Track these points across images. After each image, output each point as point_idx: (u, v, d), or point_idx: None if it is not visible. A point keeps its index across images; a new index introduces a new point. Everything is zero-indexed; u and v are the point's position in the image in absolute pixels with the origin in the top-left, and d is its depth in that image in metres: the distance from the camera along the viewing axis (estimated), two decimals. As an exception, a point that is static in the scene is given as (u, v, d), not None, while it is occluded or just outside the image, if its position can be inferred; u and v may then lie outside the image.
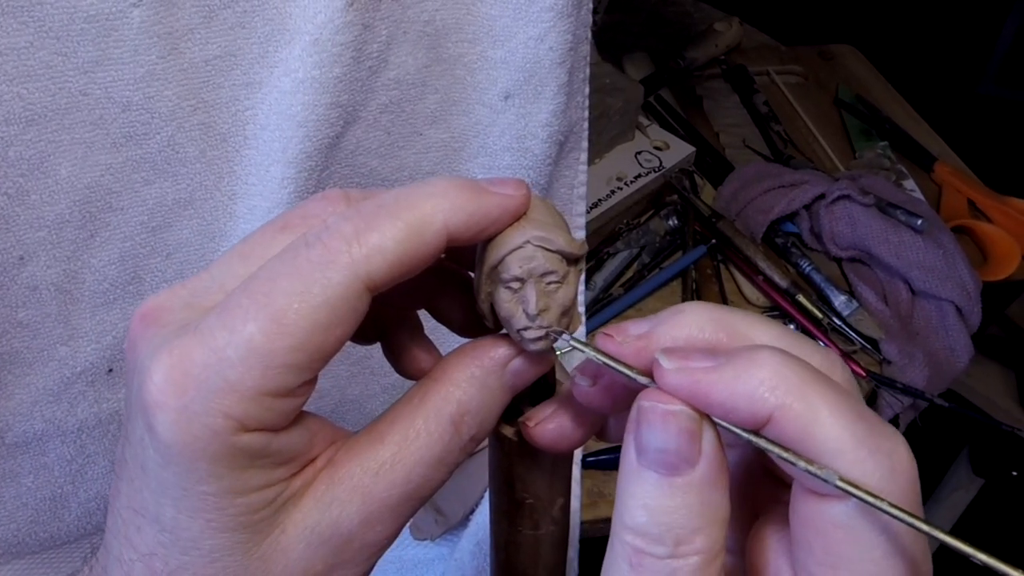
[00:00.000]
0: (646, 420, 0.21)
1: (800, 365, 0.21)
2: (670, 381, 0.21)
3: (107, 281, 0.39)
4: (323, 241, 0.21)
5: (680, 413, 0.21)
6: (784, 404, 0.20)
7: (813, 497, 0.21)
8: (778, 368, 0.20)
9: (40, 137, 0.35)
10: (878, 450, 0.20)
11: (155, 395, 0.20)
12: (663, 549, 0.21)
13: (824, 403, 0.20)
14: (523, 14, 0.41)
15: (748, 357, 0.21)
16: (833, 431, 0.20)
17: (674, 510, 0.21)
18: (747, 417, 0.21)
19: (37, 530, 0.44)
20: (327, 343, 0.21)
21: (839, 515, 0.20)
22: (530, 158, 0.46)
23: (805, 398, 0.20)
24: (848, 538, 0.20)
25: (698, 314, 0.23)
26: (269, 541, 0.22)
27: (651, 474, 0.21)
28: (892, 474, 0.20)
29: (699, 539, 0.21)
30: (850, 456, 0.20)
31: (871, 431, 0.20)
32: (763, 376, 0.20)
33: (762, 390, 0.20)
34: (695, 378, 0.21)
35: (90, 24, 0.33)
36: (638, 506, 0.21)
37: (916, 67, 1.57)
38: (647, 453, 0.21)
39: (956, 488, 1.14)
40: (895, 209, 0.88)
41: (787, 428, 0.20)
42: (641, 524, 0.21)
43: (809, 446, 0.20)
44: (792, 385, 0.20)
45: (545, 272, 0.24)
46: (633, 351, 0.23)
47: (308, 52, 0.37)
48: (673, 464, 0.21)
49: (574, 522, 0.54)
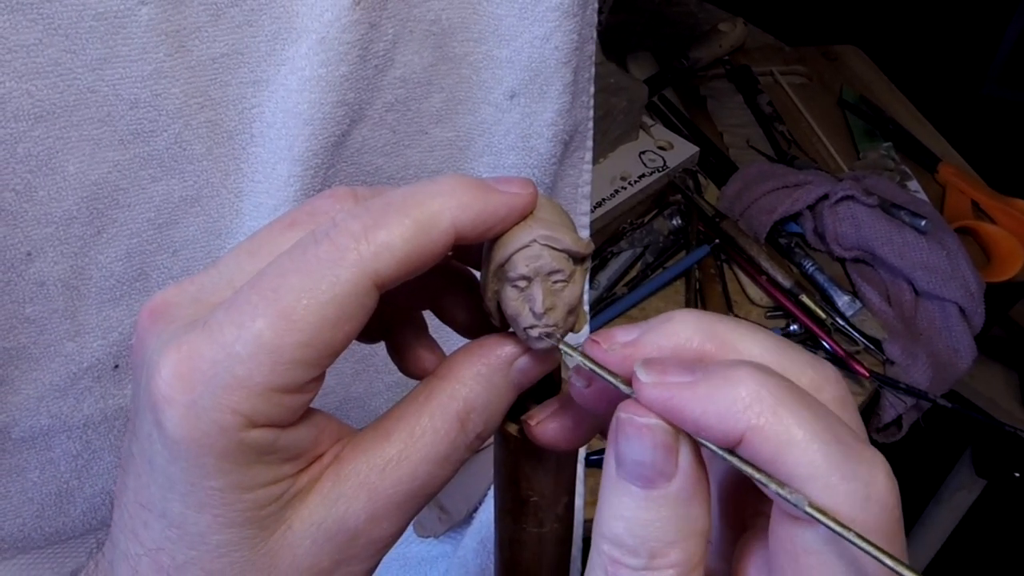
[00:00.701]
0: (623, 432, 0.21)
1: (778, 383, 0.20)
2: (647, 395, 0.21)
3: (114, 277, 0.40)
4: (331, 238, 0.21)
5: (656, 427, 0.21)
6: (756, 425, 0.20)
7: (788, 520, 0.20)
8: (753, 387, 0.20)
9: (48, 134, 0.35)
10: (853, 476, 0.19)
11: (163, 390, 0.21)
12: (638, 561, 0.21)
13: (799, 425, 0.20)
14: (529, 13, 0.41)
15: (724, 374, 0.21)
16: (806, 455, 0.19)
17: (649, 523, 0.21)
18: (719, 436, 0.20)
19: (43, 525, 0.44)
20: (335, 339, 0.21)
21: (811, 541, 0.20)
22: (535, 157, 0.46)
23: (779, 419, 0.20)
24: (818, 565, 0.20)
25: (687, 323, 0.23)
26: (276, 537, 0.22)
27: (628, 486, 0.21)
28: (865, 502, 0.19)
29: (674, 552, 0.21)
30: (822, 481, 0.19)
31: (848, 456, 0.19)
32: (737, 395, 0.20)
33: (735, 409, 0.20)
34: (670, 393, 0.21)
35: (98, 22, 0.34)
36: (615, 516, 0.21)
37: (920, 68, 1.57)
38: (624, 465, 0.21)
39: (959, 489, 1.14)
40: (899, 210, 0.88)
41: (760, 449, 0.20)
42: (617, 535, 0.21)
43: (781, 469, 0.20)
44: (766, 405, 0.20)
45: (552, 271, 0.24)
46: (618, 359, 0.23)
47: (315, 50, 0.37)
48: (649, 477, 0.21)
49: (578, 520, 0.54)
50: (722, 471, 0.26)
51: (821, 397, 0.21)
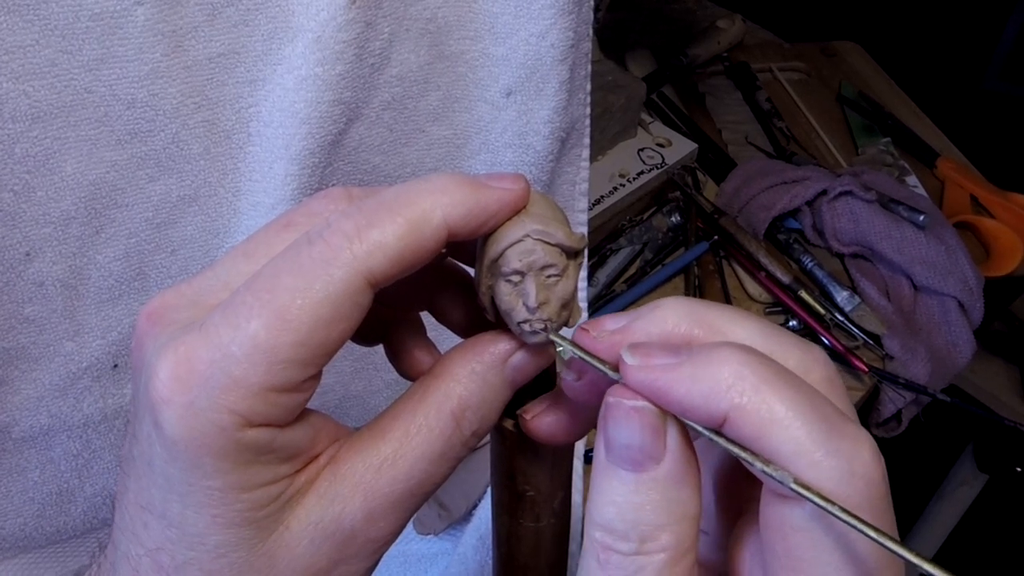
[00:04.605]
0: (612, 416, 0.21)
1: (761, 363, 0.20)
2: (632, 378, 0.21)
3: (112, 277, 0.40)
4: (324, 238, 0.21)
5: (643, 409, 0.21)
6: (739, 404, 0.20)
7: (776, 498, 0.20)
8: (736, 367, 0.20)
9: (45, 134, 0.35)
10: (837, 452, 0.19)
11: (161, 391, 0.21)
12: (629, 545, 0.21)
13: (782, 403, 0.20)
14: (524, 11, 0.41)
15: (708, 355, 0.21)
16: (789, 432, 0.19)
17: (639, 507, 0.21)
18: (704, 416, 0.20)
19: (43, 524, 0.44)
20: (330, 338, 0.21)
21: (798, 518, 0.20)
22: (532, 155, 0.46)
23: (762, 397, 0.20)
24: (806, 542, 0.20)
25: (675, 309, 0.23)
26: (274, 537, 0.22)
27: (618, 470, 0.21)
28: (850, 477, 0.19)
29: (665, 536, 0.21)
30: (806, 458, 0.19)
31: (831, 432, 0.20)
32: (720, 375, 0.20)
33: (718, 389, 0.20)
34: (655, 375, 0.21)
35: (94, 22, 0.34)
36: (606, 502, 0.21)
37: (919, 63, 1.57)
38: (614, 449, 0.21)
39: (961, 484, 1.14)
40: (897, 205, 0.88)
41: (744, 428, 0.20)
42: (608, 520, 0.21)
43: (765, 446, 0.20)
44: (748, 384, 0.20)
45: (545, 265, 0.24)
46: (607, 346, 0.23)
47: (311, 49, 0.37)
48: (638, 460, 0.21)
49: (576, 516, 0.54)
50: (716, 462, 0.26)
51: (809, 378, 0.21)
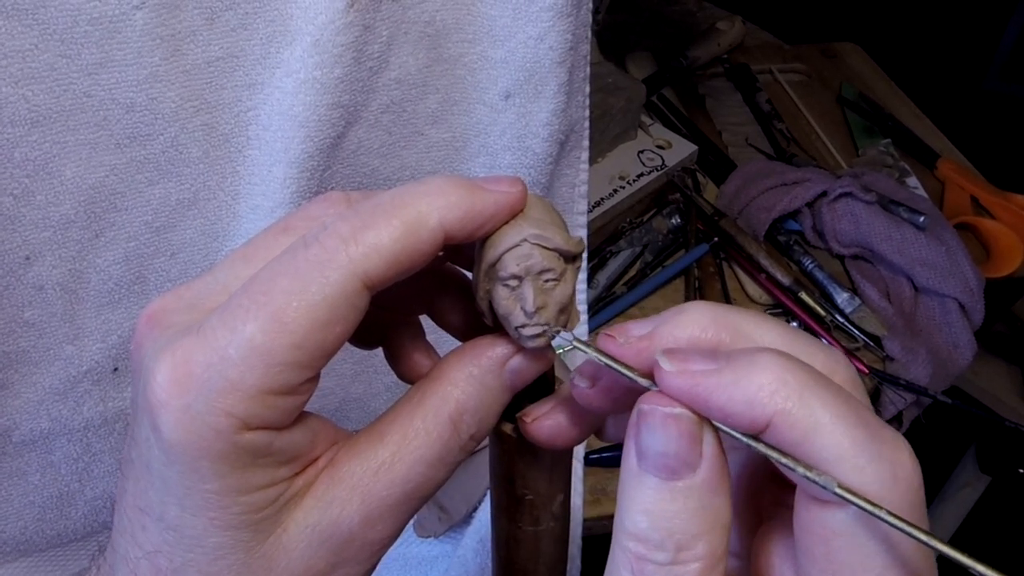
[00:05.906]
0: (646, 423, 0.21)
1: (801, 368, 0.20)
2: (670, 384, 0.21)
3: (112, 281, 0.40)
4: (320, 241, 0.21)
5: (681, 416, 0.21)
6: (783, 409, 0.20)
7: (815, 504, 0.20)
8: (778, 372, 0.20)
9: (45, 138, 0.35)
10: (879, 457, 0.19)
11: (158, 395, 0.21)
12: (664, 555, 0.21)
13: (824, 408, 0.20)
14: (523, 14, 0.41)
15: (748, 360, 0.21)
16: (833, 437, 0.20)
17: (675, 515, 0.21)
18: (746, 422, 0.20)
19: (44, 528, 0.44)
20: (327, 341, 0.21)
21: (840, 523, 0.20)
22: (531, 157, 0.46)
23: (805, 403, 0.20)
24: (849, 546, 0.20)
25: (701, 313, 0.23)
26: (271, 540, 0.22)
27: (652, 478, 0.21)
28: (893, 481, 0.19)
29: (700, 545, 0.21)
30: (850, 463, 0.19)
31: (872, 437, 0.20)
32: (763, 380, 0.20)
33: (761, 395, 0.20)
34: (695, 381, 0.21)
35: (93, 27, 0.34)
36: (639, 511, 0.21)
37: (919, 64, 1.57)
38: (648, 457, 0.21)
39: (963, 486, 1.13)
40: (898, 206, 0.88)
41: (786, 434, 0.20)
42: (642, 530, 0.21)
43: (808, 452, 0.20)
44: (792, 390, 0.20)
45: (542, 270, 0.24)
46: (634, 352, 0.23)
47: (309, 53, 0.37)
48: (674, 468, 0.21)
49: (576, 519, 0.54)
50: (735, 468, 0.26)
51: (835, 380, 0.21)
